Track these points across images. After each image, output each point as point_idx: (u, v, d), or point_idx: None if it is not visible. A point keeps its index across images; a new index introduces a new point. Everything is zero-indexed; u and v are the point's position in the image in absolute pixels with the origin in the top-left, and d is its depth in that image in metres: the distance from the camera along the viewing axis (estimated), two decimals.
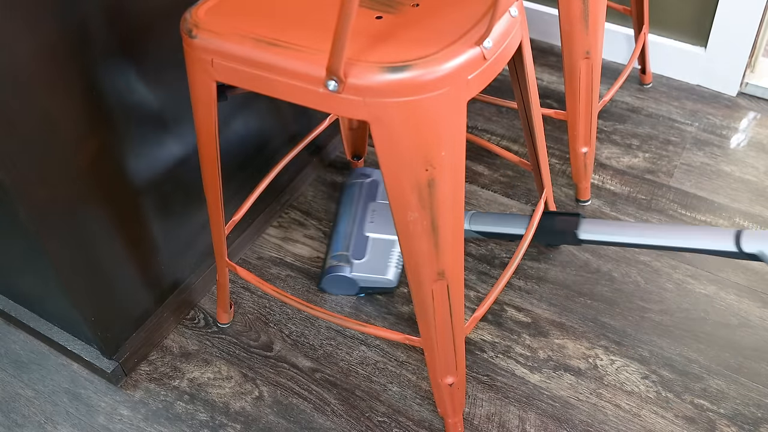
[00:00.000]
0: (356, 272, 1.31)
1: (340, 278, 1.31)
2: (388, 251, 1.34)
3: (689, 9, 1.67)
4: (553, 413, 1.17)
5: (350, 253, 1.33)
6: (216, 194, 1.06)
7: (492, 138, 1.66)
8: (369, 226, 1.38)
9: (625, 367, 1.22)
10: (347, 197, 1.46)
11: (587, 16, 1.21)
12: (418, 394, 1.20)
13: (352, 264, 1.32)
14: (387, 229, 1.37)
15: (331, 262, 1.34)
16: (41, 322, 1.28)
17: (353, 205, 1.43)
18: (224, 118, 1.25)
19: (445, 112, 0.78)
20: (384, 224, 1.38)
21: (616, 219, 1.46)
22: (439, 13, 0.83)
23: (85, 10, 0.93)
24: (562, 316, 1.30)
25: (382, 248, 1.34)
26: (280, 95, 0.81)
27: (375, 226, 1.38)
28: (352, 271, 1.31)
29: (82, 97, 0.98)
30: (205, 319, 1.33)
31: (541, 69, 1.84)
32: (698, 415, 1.15)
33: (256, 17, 0.85)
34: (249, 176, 1.37)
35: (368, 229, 1.37)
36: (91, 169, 1.04)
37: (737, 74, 1.70)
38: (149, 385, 1.24)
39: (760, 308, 1.29)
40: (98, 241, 1.10)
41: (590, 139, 1.38)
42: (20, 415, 1.21)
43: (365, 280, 1.31)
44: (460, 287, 0.93)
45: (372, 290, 1.34)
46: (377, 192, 1.46)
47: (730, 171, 1.55)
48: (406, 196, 0.82)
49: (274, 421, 1.18)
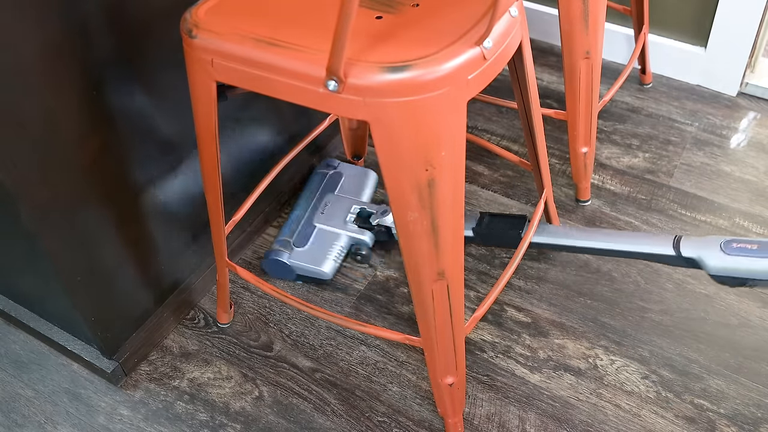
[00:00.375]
0: (294, 259, 1.34)
1: (278, 263, 1.34)
2: (330, 243, 1.36)
3: (689, 9, 1.67)
4: (553, 413, 1.17)
5: (293, 240, 1.36)
6: (216, 194, 1.06)
7: (492, 138, 1.66)
8: (319, 217, 1.40)
9: (625, 367, 1.22)
10: (309, 185, 1.49)
11: (587, 16, 1.21)
12: (418, 394, 1.20)
13: (292, 250, 1.34)
14: (336, 222, 1.39)
15: (274, 245, 1.37)
16: (41, 322, 1.28)
17: (312, 193, 1.46)
18: (224, 118, 1.25)
19: (445, 112, 0.78)
20: (334, 216, 1.40)
21: (615, 219, 1.46)
22: (439, 13, 0.83)
23: (86, 11, 0.93)
24: (562, 316, 1.30)
25: (326, 239, 1.37)
26: (280, 95, 0.81)
27: (324, 218, 1.40)
28: (290, 257, 1.34)
29: (84, 97, 0.98)
30: (205, 319, 1.33)
31: (541, 69, 1.84)
32: (698, 415, 1.15)
33: (256, 17, 0.85)
34: (249, 176, 1.37)
35: (317, 219, 1.39)
36: (92, 169, 1.04)
37: (737, 74, 1.70)
38: (149, 385, 1.24)
39: (760, 308, 1.29)
40: (98, 241, 1.10)
41: (590, 139, 1.38)
42: (20, 415, 1.21)
43: (302, 268, 1.34)
44: (460, 287, 0.93)
45: (308, 279, 1.36)
46: (338, 184, 1.48)
47: (730, 171, 1.55)
48: (406, 196, 0.82)
49: (274, 421, 1.18)
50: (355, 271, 1.39)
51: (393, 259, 1.41)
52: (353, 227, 1.38)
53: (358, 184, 1.49)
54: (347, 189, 1.48)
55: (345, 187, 1.48)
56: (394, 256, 1.41)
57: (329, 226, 1.38)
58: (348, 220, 1.39)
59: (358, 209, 1.41)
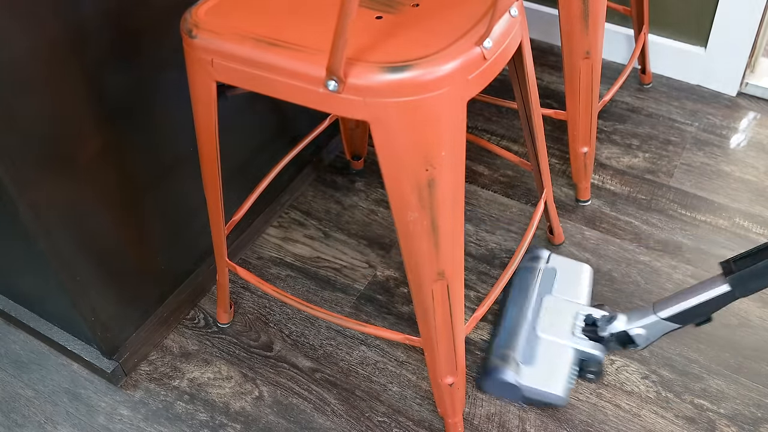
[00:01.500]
0: (524, 381, 1.14)
1: (504, 384, 1.14)
2: (559, 359, 1.15)
3: (689, 9, 1.67)
4: (553, 413, 1.17)
5: (518, 355, 1.15)
6: (216, 194, 1.06)
7: (492, 138, 1.66)
8: (542, 325, 1.19)
9: (625, 367, 1.22)
10: (520, 282, 1.28)
11: (587, 16, 1.21)
12: (418, 394, 1.20)
13: (519, 367, 1.14)
14: (563, 333, 1.17)
15: (494, 359, 1.16)
16: (41, 322, 1.28)
17: (525, 293, 1.25)
18: (224, 118, 1.25)
19: (445, 112, 0.78)
20: (559, 325, 1.18)
21: (615, 219, 1.45)
22: (439, 13, 0.83)
23: (86, 9, 0.94)
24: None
25: (554, 354, 1.16)
26: (280, 95, 0.81)
27: (549, 327, 1.19)
28: (518, 378, 1.14)
29: (83, 95, 0.98)
30: (205, 319, 1.33)
31: (541, 69, 1.84)
32: (698, 415, 1.15)
33: (256, 17, 0.85)
34: (249, 176, 1.37)
35: (541, 329, 1.19)
36: (91, 168, 1.04)
37: (737, 74, 1.70)
38: (149, 385, 1.24)
39: (760, 308, 1.29)
40: (98, 240, 1.10)
41: (590, 139, 1.38)
42: (20, 415, 1.21)
43: (532, 390, 1.14)
44: (460, 287, 0.93)
45: (537, 402, 1.17)
46: (553, 282, 1.27)
47: (730, 171, 1.55)
48: (406, 196, 0.82)
49: (274, 421, 1.18)
50: (355, 271, 1.39)
51: (393, 259, 1.41)
52: (583, 339, 1.16)
53: (573, 280, 1.28)
54: (564, 288, 1.26)
55: (560, 285, 1.26)
56: (394, 256, 1.41)
57: (557, 338, 1.17)
58: (575, 329, 1.17)
59: (583, 315, 1.19)
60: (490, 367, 1.16)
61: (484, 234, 1.44)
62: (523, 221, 1.46)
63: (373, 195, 1.54)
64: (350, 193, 1.55)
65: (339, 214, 1.50)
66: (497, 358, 1.16)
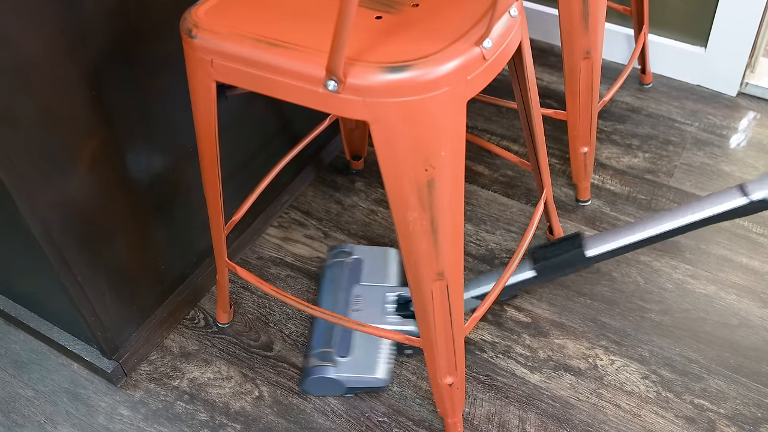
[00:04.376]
0: (343, 372, 1.16)
1: (324, 381, 1.17)
2: (376, 344, 1.20)
3: (689, 9, 1.67)
4: (553, 413, 1.17)
5: (334, 350, 1.19)
6: (216, 194, 1.06)
7: (492, 138, 1.66)
8: (353, 316, 1.22)
9: (625, 367, 1.22)
10: (328, 280, 1.31)
11: (587, 16, 1.21)
12: (418, 394, 1.20)
13: (336, 362, 1.17)
14: (375, 318, 1.21)
15: (312, 360, 1.19)
16: (41, 322, 1.28)
17: (335, 290, 1.27)
18: (224, 118, 1.25)
19: (445, 112, 0.78)
20: (371, 312, 1.21)
21: (615, 219, 1.46)
22: (439, 13, 0.83)
23: (86, 8, 0.94)
24: (562, 316, 1.30)
25: (370, 341, 1.20)
26: (280, 95, 0.81)
27: (361, 316, 1.22)
28: (337, 371, 1.16)
29: (83, 95, 0.98)
30: (205, 319, 1.33)
31: (541, 69, 1.84)
32: (698, 415, 1.15)
33: (255, 17, 0.85)
34: (249, 176, 1.37)
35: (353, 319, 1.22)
36: (92, 168, 1.04)
37: (737, 74, 1.70)
38: (149, 385, 1.24)
39: (760, 308, 1.29)
40: (98, 240, 1.10)
41: (590, 139, 1.38)
42: (20, 415, 1.21)
43: (353, 380, 1.17)
44: (460, 287, 0.93)
45: (362, 389, 1.20)
46: (360, 272, 1.30)
47: (730, 171, 1.55)
48: (406, 196, 0.82)
49: (274, 421, 1.18)
50: None
51: None
52: (396, 319, 1.20)
53: (381, 265, 1.31)
54: (372, 275, 1.29)
55: (368, 273, 1.30)
56: None
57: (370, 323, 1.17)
58: (387, 311, 1.21)
59: (394, 296, 1.24)
60: (309, 368, 1.18)
61: (484, 234, 1.44)
62: (523, 221, 1.46)
63: (373, 195, 1.54)
64: (350, 193, 1.55)
65: (339, 214, 1.51)
66: (315, 358, 1.19)
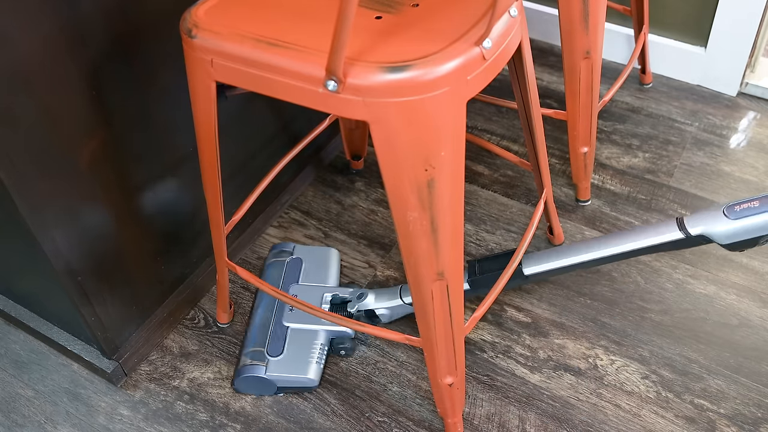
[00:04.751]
0: (273, 371, 1.17)
1: (254, 379, 1.17)
2: (308, 344, 1.20)
3: (689, 9, 1.67)
4: (553, 413, 1.17)
5: (266, 349, 1.19)
6: (216, 194, 1.06)
7: (492, 138, 1.66)
8: (288, 315, 1.22)
9: (625, 367, 1.22)
10: (266, 278, 1.31)
11: (587, 16, 1.21)
12: (418, 394, 1.20)
13: (267, 361, 1.17)
14: (309, 318, 1.21)
15: (244, 359, 1.19)
16: (41, 322, 1.28)
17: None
18: (224, 118, 1.25)
19: (444, 112, 0.78)
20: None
21: (615, 219, 1.46)
22: (439, 13, 0.83)
23: (86, 8, 0.94)
24: (562, 316, 1.30)
25: (303, 340, 1.20)
26: (280, 95, 0.81)
27: (295, 315, 1.22)
28: (267, 370, 1.17)
29: (83, 94, 0.98)
30: (205, 319, 1.33)
31: (541, 69, 1.84)
32: (698, 415, 1.15)
33: (255, 17, 0.85)
34: (249, 176, 1.37)
35: (287, 319, 1.22)
36: (91, 167, 1.04)
37: (737, 74, 1.70)
38: (149, 385, 1.24)
39: (760, 308, 1.29)
40: (98, 240, 1.10)
41: (590, 139, 1.38)
42: (20, 415, 1.21)
43: (283, 380, 1.17)
44: (460, 287, 0.93)
45: (292, 389, 1.20)
46: (299, 272, 1.31)
47: (730, 171, 1.55)
48: (406, 196, 0.82)
49: (274, 421, 1.18)
50: (355, 271, 1.39)
51: (393, 259, 1.41)
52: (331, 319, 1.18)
53: (321, 266, 1.32)
54: (311, 275, 1.30)
55: (308, 273, 1.30)
56: (394, 256, 1.41)
57: (303, 324, 1.21)
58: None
59: (329, 297, 1.25)
60: (240, 368, 1.19)
61: (484, 234, 1.44)
62: (523, 221, 1.46)
63: (373, 195, 1.54)
64: (350, 193, 1.55)
65: (339, 214, 1.51)
66: (247, 357, 1.19)
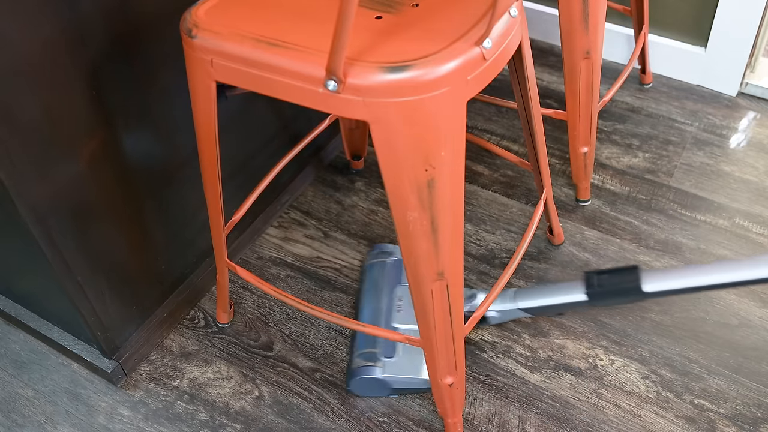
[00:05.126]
0: (389, 373, 1.15)
1: (371, 381, 1.16)
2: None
3: (689, 9, 1.67)
4: (553, 413, 1.17)
5: (379, 350, 1.17)
6: (216, 194, 1.06)
7: (492, 138, 1.66)
8: (397, 316, 1.20)
9: (625, 367, 1.22)
10: (369, 280, 1.29)
11: (587, 16, 1.21)
12: (418, 394, 1.20)
13: (383, 363, 1.16)
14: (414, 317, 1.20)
15: (357, 360, 1.18)
16: (41, 322, 1.28)
17: (377, 290, 1.27)
18: (224, 118, 1.25)
19: (444, 112, 0.78)
20: (411, 312, 1.19)
21: (615, 219, 1.46)
22: (439, 13, 0.83)
23: (86, 8, 0.94)
24: (562, 316, 1.30)
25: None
26: (280, 95, 0.82)
27: (404, 316, 1.20)
28: (384, 371, 1.15)
29: (83, 94, 0.98)
30: (205, 319, 1.33)
31: (541, 69, 1.84)
32: (698, 415, 1.15)
33: (255, 17, 0.85)
34: (249, 176, 1.37)
35: (397, 320, 1.20)
36: (91, 168, 1.04)
37: (737, 74, 1.70)
38: (149, 385, 1.24)
39: (760, 308, 1.29)
40: (98, 240, 1.10)
41: (590, 139, 1.38)
42: (20, 415, 1.21)
43: (399, 381, 1.16)
44: (460, 287, 0.93)
45: (407, 391, 1.19)
46: (401, 272, 1.29)
47: (730, 171, 1.55)
48: (406, 196, 0.82)
49: (274, 421, 1.18)
50: (355, 271, 1.39)
51: None
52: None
53: None
54: None
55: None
56: None
57: (413, 325, 1.18)
58: None
59: None
60: (355, 369, 1.17)
61: (484, 234, 1.44)
62: (523, 221, 1.46)
63: (373, 195, 1.54)
64: (350, 193, 1.55)
65: (339, 214, 1.51)
66: (360, 358, 1.18)
